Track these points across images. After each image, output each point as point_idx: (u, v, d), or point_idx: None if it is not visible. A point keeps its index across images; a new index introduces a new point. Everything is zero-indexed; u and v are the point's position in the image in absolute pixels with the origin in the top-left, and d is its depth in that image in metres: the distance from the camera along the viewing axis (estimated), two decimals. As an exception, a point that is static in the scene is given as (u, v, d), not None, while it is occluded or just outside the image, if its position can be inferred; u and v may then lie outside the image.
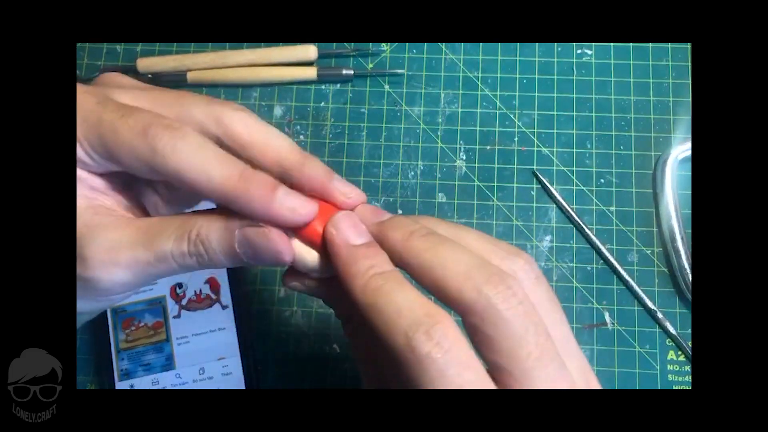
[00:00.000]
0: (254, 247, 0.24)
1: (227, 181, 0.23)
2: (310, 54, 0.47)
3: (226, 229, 0.24)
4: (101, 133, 0.23)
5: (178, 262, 0.24)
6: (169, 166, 0.23)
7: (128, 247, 0.24)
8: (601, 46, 0.47)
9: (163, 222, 0.25)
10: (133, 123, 0.23)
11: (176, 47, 0.48)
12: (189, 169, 0.23)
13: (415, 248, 0.22)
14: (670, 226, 0.43)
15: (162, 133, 0.23)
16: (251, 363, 0.42)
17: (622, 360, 0.42)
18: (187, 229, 0.24)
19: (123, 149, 0.23)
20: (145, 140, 0.23)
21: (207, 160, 0.23)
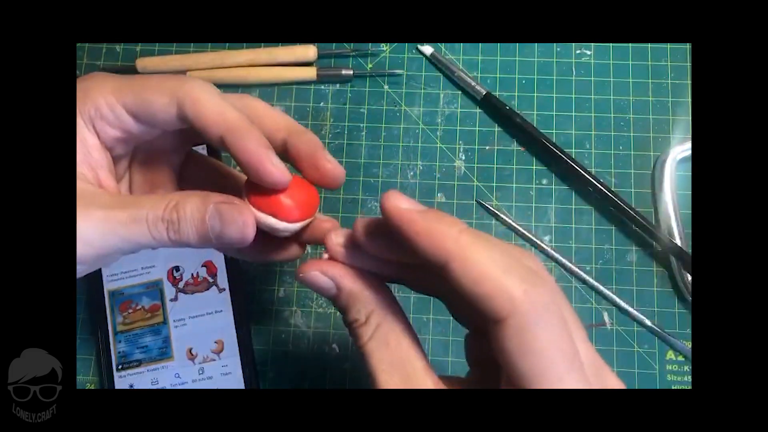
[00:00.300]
0: (223, 220, 0.25)
1: (237, 120, 0.25)
2: (310, 54, 0.47)
3: (202, 201, 0.26)
4: (134, 84, 0.26)
5: (150, 226, 0.25)
6: (193, 96, 0.25)
7: (103, 206, 0.25)
8: (600, 47, 0.47)
9: (143, 196, 0.27)
10: (165, 75, 0.27)
11: (176, 47, 0.48)
12: (209, 102, 0.25)
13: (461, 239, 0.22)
14: (669, 226, 0.43)
15: (191, 78, 0.27)
16: (251, 363, 0.42)
17: (621, 360, 0.42)
18: (166, 198, 0.26)
19: (154, 91, 0.26)
20: (175, 80, 0.26)
21: (225, 103, 0.26)
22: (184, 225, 0.25)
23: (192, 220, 0.25)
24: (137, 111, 0.26)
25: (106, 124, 0.26)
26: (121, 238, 0.25)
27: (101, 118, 0.26)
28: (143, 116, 0.26)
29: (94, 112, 0.26)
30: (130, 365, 0.42)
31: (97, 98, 0.26)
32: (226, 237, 0.26)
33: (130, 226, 0.25)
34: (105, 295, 0.43)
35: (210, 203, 0.26)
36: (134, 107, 0.26)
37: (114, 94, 0.26)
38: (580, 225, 0.44)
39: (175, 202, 0.26)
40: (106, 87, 0.26)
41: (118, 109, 0.26)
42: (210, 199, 0.26)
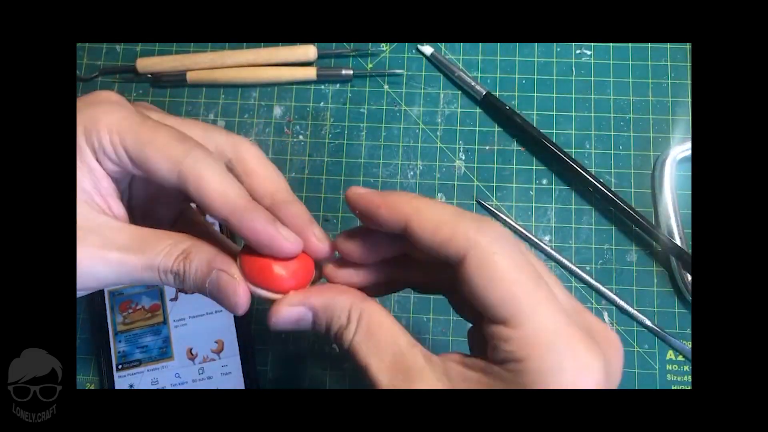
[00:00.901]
0: (220, 291, 0.26)
1: (239, 201, 0.25)
2: (310, 54, 0.47)
3: (207, 263, 0.26)
4: (140, 131, 0.26)
5: (160, 275, 0.26)
6: (195, 174, 0.25)
7: (120, 249, 0.26)
8: (600, 47, 0.47)
9: (159, 234, 0.27)
10: (173, 132, 0.26)
11: (176, 47, 0.48)
12: (212, 183, 0.25)
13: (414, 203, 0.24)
14: (669, 225, 0.43)
15: (195, 147, 0.26)
16: (251, 363, 0.42)
17: (621, 360, 0.42)
18: (180, 248, 0.26)
19: (157, 149, 0.25)
20: (180, 146, 0.25)
21: (228, 182, 0.26)
22: (187, 280, 0.26)
23: (195, 279, 0.26)
24: (136, 161, 0.26)
25: (107, 159, 0.26)
26: (133, 279, 0.26)
27: (104, 153, 0.26)
28: (141, 169, 0.26)
29: (98, 146, 0.26)
30: (130, 365, 0.42)
31: (102, 132, 0.25)
32: (220, 303, 0.26)
33: (143, 272, 0.26)
34: (105, 295, 0.43)
35: (213, 268, 0.26)
36: (135, 157, 0.26)
37: (119, 134, 0.25)
38: (580, 225, 0.44)
39: (185, 255, 0.26)
40: (113, 122, 0.26)
41: (119, 150, 0.26)
42: (215, 263, 0.26)
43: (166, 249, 0.26)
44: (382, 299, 0.43)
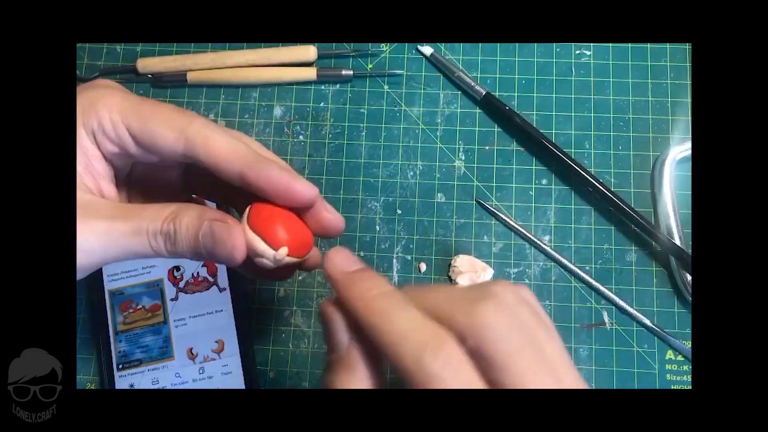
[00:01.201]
0: (215, 239, 0.26)
1: (250, 155, 0.26)
2: (310, 54, 0.47)
3: (198, 217, 0.26)
4: (142, 107, 0.26)
5: (150, 239, 0.26)
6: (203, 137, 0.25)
7: (106, 217, 0.25)
8: (599, 47, 0.47)
9: (144, 205, 0.27)
10: (172, 106, 0.27)
11: (176, 47, 0.48)
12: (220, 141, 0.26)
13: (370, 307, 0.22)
14: (669, 225, 0.43)
15: (198, 116, 0.26)
16: (251, 363, 0.42)
17: (620, 359, 0.42)
18: (165, 210, 0.26)
19: (161, 121, 0.26)
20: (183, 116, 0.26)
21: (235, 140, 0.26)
22: (179, 238, 0.26)
23: (186, 235, 0.26)
24: (140, 138, 0.26)
25: (106, 140, 0.26)
26: (122, 249, 0.26)
27: (103, 133, 0.26)
28: (145, 144, 0.26)
29: (97, 126, 0.26)
30: (131, 365, 0.42)
31: (101, 112, 0.26)
32: (216, 255, 0.26)
33: (132, 238, 0.25)
34: (105, 295, 0.43)
35: (205, 220, 0.26)
36: (138, 133, 0.26)
37: (120, 113, 0.26)
38: (580, 225, 0.44)
39: (173, 215, 0.26)
40: (113, 103, 0.26)
41: (120, 129, 0.26)
42: (205, 216, 0.26)
43: (153, 212, 0.26)
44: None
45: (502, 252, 0.44)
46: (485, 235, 0.44)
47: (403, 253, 0.44)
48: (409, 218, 0.45)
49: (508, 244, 0.44)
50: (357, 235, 0.45)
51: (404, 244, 0.44)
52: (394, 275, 0.44)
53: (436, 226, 0.45)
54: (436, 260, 0.44)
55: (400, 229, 0.45)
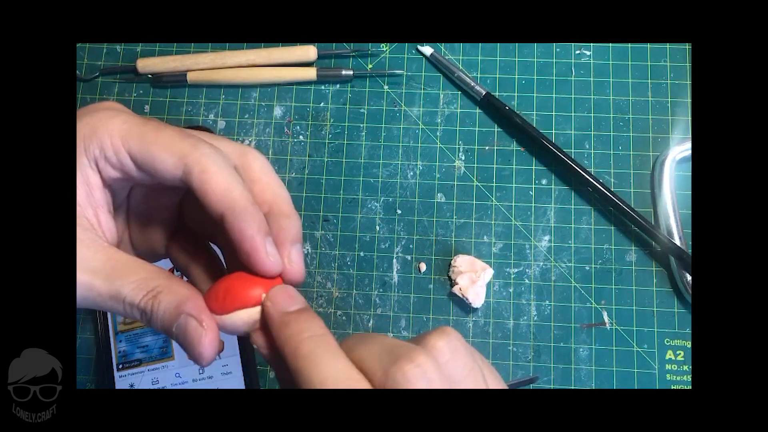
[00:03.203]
0: (186, 339, 0.25)
1: (242, 200, 0.25)
2: (310, 54, 0.47)
3: (176, 306, 0.25)
4: (144, 131, 0.25)
5: (125, 308, 0.25)
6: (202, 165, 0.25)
7: (91, 272, 0.25)
8: (599, 47, 0.47)
9: (134, 265, 0.26)
10: (178, 130, 0.26)
11: (176, 47, 0.48)
12: (216, 175, 0.25)
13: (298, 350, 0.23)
14: (668, 225, 0.43)
15: (202, 143, 0.25)
16: (251, 363, 0.42)
17: (620, 359, 0.42)
18: (150, 284, 0.25)
19: (163, 148, 0.25)
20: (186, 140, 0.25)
21: (234, 178, 0.25)
22: (154, 319, 0.25)
23: (161, 321, 0.25)
24: (140, 161, 0.25)
25: (108, 166, 0.26)
26: (98, 306, 0.25)
27: (105, 159, 0.26)
28: (146, 168, 0.26)
29: (99, 153, 0.25)
30: (131, 365, 0.42)
31: (103, 138, 0.25)
32: (185, 350, 0.25)
33: (107, 301, 0.25)
34: (105, 295, 0.43)
35: (182, 312, 0.25)
36: (139, 157, 0.25)
37: (121, 137, 0.25)
38: (580, 225, 0.44)
39: (154, 294, 0.25)
40: (113, 127, 0.25)
41: (122, 154, 0.25)
42: (185, 307, 0.25)
43: (135, 282, 0.25)
44: (384, 302, 0.43)
45: (502, 252, 0.44)
46: (485, 235, 0.44)
47: (403, 253, 0.44)
48: (409, 218, 0.45)
49: (508, 244, 0.44)
50: (357, 235, 0.45)
51: (404, 244, 0.44)
52: (394, 275, 0.44)
53: (436, 226, 0.45)
54: (436, 260, 0.44)
55: (400, 229, 0.45)
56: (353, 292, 0.44)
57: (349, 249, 0.44)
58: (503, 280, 0.43)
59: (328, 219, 0.45)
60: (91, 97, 0.48)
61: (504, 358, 0.42)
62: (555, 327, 0.43)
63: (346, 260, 0.44)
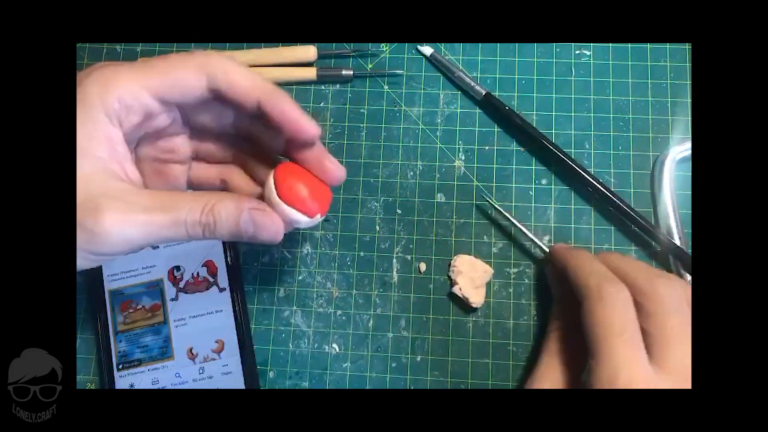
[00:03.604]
0: (257, 226, 0.29)
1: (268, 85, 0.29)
2: (310, 54, 0.47)
3: (236, 207, 0.28)
4: (155, 65, 0.28)
5: (188, 229, 0.28)
6: (222, 69, 0.28)
7: (145, 210, 0.27)
8: (599, 47, 0.47)
9: (178, 194, 0.29)
10: (180, 53, 0.29)
11: (176, 47, 0.48)
12: (240, 71, 0.28)
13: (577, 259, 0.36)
14: (668, 225, 0.43)
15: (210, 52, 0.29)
16: (251, 363, 0.42)
17: (620, 360, 0.42)
18: (202, 201, 0.28)
19: (180, 67, 0.28)
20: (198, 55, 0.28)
21: (252, 71, 0.29)
22: (219, 227, 0.28)
23: (227, 224, 0.28)
24: (164, 91, 0.27)
25: (130, 113, 0.27)
26: (161, 238, 0.28)
27: (126, 108, 0.27)
28: (172, 94, 0.28)
29: (118, 105, 0.26)
30: (131, 365, 0.42)
31: (120, 90, 0.26)
32: (259, 239, 0.29)
33: (171, 228, 0.27)
34: (105, 295, 0.43)
35: (244, 209, 0.28)
36: (161, 88, 0.27)
37: (136, 80, 0.27)
38: (580, 225, 0.44)
39: (211, 206, 0.28)
40: (126, 77, 0.27)
41: (143, 97, 0.27)
42: (243, 205, 0.28)
43: (188, 204, 0.28)
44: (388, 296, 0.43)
45: (502, 252, 0.44)
46: (485, 235, 0.44)
47: (403, 253, 0.44)
48: (409, 218, 0.45)
49: (508, 244, 0.44)
50: (357, 235, 0.45)
51: (404, 244, 0.44)
52: (393, 275, 0.44)
53: (436, 226, 0.45)
54: (436, 260, 0.44)
55: (400, 229, 0.45)
56: (353, 292, 0.44)
57: (349, 249, 0.44)
58: (503, 280, 0.43)
59: (328, 219, 0.45)
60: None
61: (504, 358, 0.42)
62: (555, 327, 0.42)
63: (346, 260, 0.44)
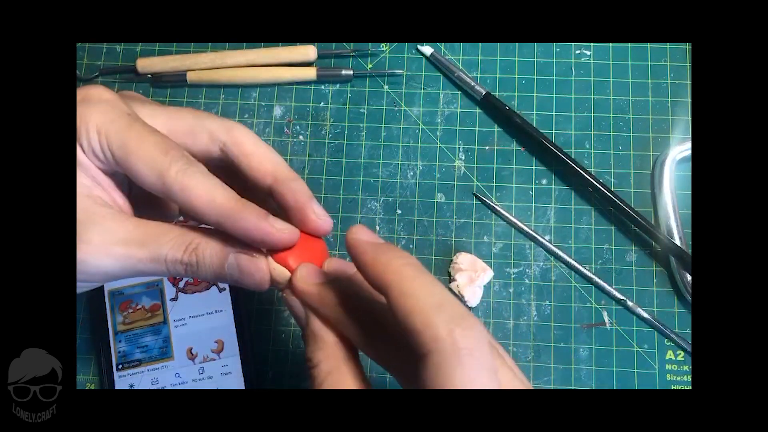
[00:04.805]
0: (243, 271, 0.26)
1: (228, 203, 0.25)
2: (310, 54, 0.47)
3: (222, 250, 0.26)
4: (126, 138, 0.25)
5: (168, 266, 0.26)
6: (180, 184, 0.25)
7: (124, 242, 0.26)
8: (599, 47, 0.47)
9: (162, 227, 0.27)
10: (159, 141, 0.26)
11: (176, 47, 0.48)
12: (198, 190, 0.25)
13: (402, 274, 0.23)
14: (669, 225, 0.43)
15: (180, 158, 0.25)
16: (251, 363, 0.42)
17: (620, 359, 0.42)
18: (186, 240, 0.26)
19: (142, 159, 0.25)
20: (164, 158, 0.25)
21: (213, 186, 0.26)
22: (202, 268, 0.26)
23: (210, 266, 0.26)
24: (123, 168, 0.25)
25: (95, 159, 0.26)
26: (139, 272, 0.26)
27: (93, 153, 0.26)
28: (127, 174, 0.26)
29: (86, 145, 0.25)
30: (131, 365, 0.42)
31: (90, 132, 0.25)
32: (243, 285, 0.27)
33: (149, 265, 0.26)
34: (105, 295, 0.43)
35: (229, 252, 0.26)
36: (120, 163, 0.25)
37: (106, 136, 0.25)
38: (580, 225, 0.44)
39: (195, 245, 0.26)
40: (101, 123, 0.25)
41: (107, 152, 0.25)
42: (229, 247, 0.26)
43: (171, 241, 0.26)
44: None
45: (502, 252, 0.44)
46: (485, 235, 0.44)
47: (403, 253, 0.44)
48: (409, 218, 0.45)
49: (508, 244, 0.44)
50: (357, 235, 0.45)
51: (404, 244, 0.44)
52: (394, 275, 0.44)
53: (436, 226, 0.45)
54: (436, 260, 0.44)
55: (400, 229, 0.45)
56: (353, 292, 0.44)
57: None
58: (503, 280, 0.43)
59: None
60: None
61: (504, 358, 0.42)
62: (555, 327, 0.43)
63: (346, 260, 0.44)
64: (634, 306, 0.42)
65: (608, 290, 0.43)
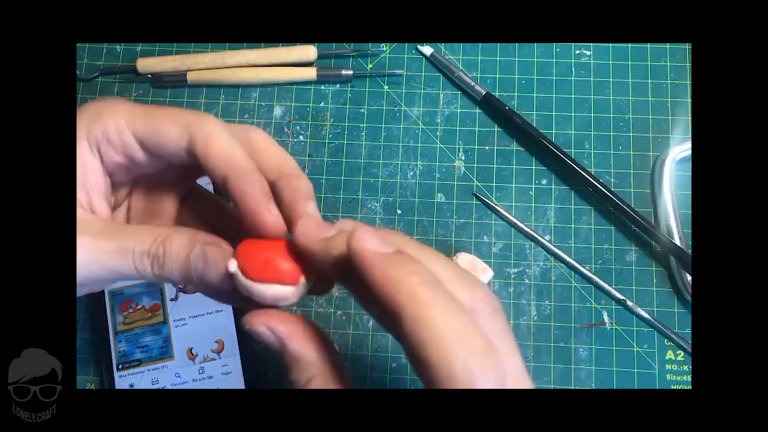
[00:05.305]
0: (207, 262, 0.25)
1: (242, 164, 0.25)
2: (310, 54, 0.47)
3: (189, 240, 0.25)
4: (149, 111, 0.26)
5: (135, 260, 0.25)
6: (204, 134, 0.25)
7: (92, 234, 0.25)
8: (599, 47, 0.47)
9: (135, 226, 0.27)
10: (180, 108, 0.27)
11: (176, 47, 0.48)
12: (219, 141, 0.25)
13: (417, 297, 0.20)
14: (669, 225, 0.43)
15: (205, 114, 0.26)
16: (251, 363, 0.42)
17: (620, 359, 0.42)
18: (155, 233, 0.26)
19: (168, 120, 0.26)
20: (190, 113, 0.26)
21: (235, 145, 0.26)
22: (168, 261, 0.25)
23: (177, 258, 0.25)
24: (147, 138, 0.26)
25: (110, 149, 0.26)
26: (105, 268, 0.25)
27: (108, 141, 0.26)
28: (152, 145, 0.26)
29: (101, 135, 0.26)
30: (131, 365, 0.42)
31: (107, 120, 0.26)
32: (208, 279, 0.25)
33: (115, 257, 0.25)
34: (105, 295, 0.43)
35: (197, 243, 0.25)
36: (145, 134, 0.26)
37: (126, 119, 0.26)
38: (580, 225, 0.44)
39: (163, 237, 0.25)
40: (119, 110, 0.26)
41: (126, 135, 0.26)
42: (198, 239, 0.25)
43: (140, 233, 0.25)
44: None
45: (502, 252, 0.44)
46: (485, 235, 0.44)
47: (403, 253, 0.44)
48: (409, 218, 0.45)
49: (508, 244, 0.44)
50: (357, 235, 0.45)
51: (404, 244, 0.44)
52: (394, 275, 0.44)
53: (436, 226, 0.45)
54: (436, 260, 0.44)
55: (400, 229, 0.45)
56: (353, 292, 0.44)
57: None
58: (503, 280, 0.43)
59: (328, 219, 0.45)
60: (91, 97, 0.48)
61: (504, 358, 0.42)
62: (555, 327, 0.43)
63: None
64: (634, 306, 0.42)
65: (608, 290, 0.43)
